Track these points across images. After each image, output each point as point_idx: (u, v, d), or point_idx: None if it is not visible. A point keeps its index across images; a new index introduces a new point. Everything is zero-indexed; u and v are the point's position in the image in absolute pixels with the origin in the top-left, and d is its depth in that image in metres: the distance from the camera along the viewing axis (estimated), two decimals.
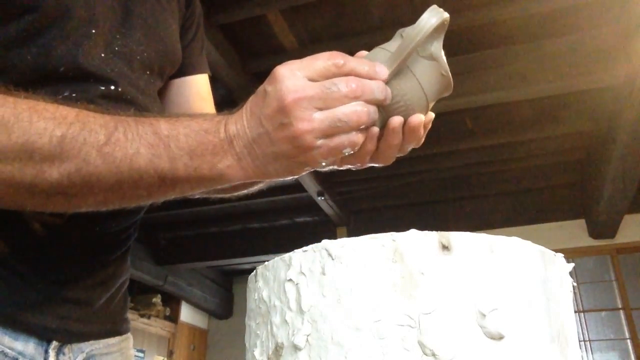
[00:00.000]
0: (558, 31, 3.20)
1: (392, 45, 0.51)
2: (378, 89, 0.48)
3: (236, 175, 0.51)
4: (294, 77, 0.47)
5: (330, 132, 0.47)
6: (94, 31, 0.63)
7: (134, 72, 0.68)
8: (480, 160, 4.74)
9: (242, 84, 3.30)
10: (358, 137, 0.49)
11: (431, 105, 0.52)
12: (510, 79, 3.32)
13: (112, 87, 0.64)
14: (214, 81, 0.91)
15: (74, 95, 0.60)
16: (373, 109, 0.49)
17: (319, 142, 0.47)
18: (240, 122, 0.50)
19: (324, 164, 0.50)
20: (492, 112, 3.98)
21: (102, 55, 0.64)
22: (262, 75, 2.44)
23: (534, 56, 3.28)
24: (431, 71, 0.50)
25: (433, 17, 0.48)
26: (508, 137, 4.29)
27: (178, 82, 0.82)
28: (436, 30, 0.48)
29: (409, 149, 0.55)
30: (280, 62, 0.49)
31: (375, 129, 0.51)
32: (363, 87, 0.48)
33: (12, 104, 0.47)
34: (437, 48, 0.50)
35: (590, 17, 3.08)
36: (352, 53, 0.52)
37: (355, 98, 0.47)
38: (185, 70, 0.82)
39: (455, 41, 3.28)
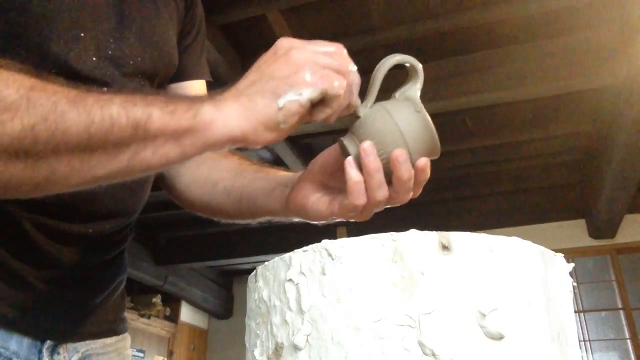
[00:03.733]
0: (558, 31, 3.20)
1: (389, 102, 0.55)
2: (355, 70, 0.52)
3: (215, 121, 0.47)
4: (289, 37, 0.51)
5: (322, 62, 0.49)
6: (82, 35, 0.63)
7: (126, 77, 0.68)
8: (480, 160, 4.74)
9: None
10: (344, 84, 0.50)
11: (413, 147, 0.53)
12: (510, 79, 3.32)
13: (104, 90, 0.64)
14: (213, 81, 0.90)
15: None
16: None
17: (311, 65, 0.48)
18: (230, 85, 0.51)
19: (309, 93, 0.48)
20: (492, 112, 3.98)
21: (94, 59, 0.64)
22: None
23: (534, 56, 3.28)
24: (406, 110, 0.53)
25: (397, 55, 0.54)
26: (508, 137, 4.29)
27: (174, 87, 0.82)
28: (412, 74, 0.55)
29: (403, 195, 0.55)
30: None
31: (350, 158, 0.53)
32: (345, 59, 0.51)
33: None
34: (413, 91, 0.55)
35: (590, 17, 3.08)
36: (352, 53, 0.53)
37: (339, 58, 0.51)
38: (181, 75, 0.81)
39: (456, 41, 3.28)
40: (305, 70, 0.48)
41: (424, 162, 0.53)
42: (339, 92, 0.49)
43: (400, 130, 0.52)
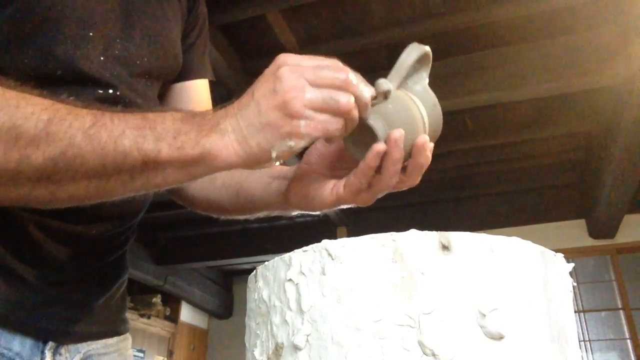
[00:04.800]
0: (558, 31, 3.20)
1: (413, 91, 0.56)
2: (366, 89, 0.50)
3: (220, 154, 0.49)
4: (291, 57, 0.50)
5: (320, 107, 0.48)
6: (91, 34, 0.63)
7: (132, 77, 0.68)
8: (480, 160, 4.74)
9: (242, 84, 3.30)
10: (341, 124, 0.50)
11: (428, 131, 0.55)
12: (510, 79, 3.32)
13: (110, 91, 0.64)
14: (213, 81, 0.91)
15: (71, 97, 0.60)
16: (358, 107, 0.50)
17: (308, 112, 0.48)
18: (230, 104, 0.51)
19: (303, 142, 0.49)
20: (492, 112, 3.98)
21: (101, 58, 0.64)
22: None
23: (534, 56, 3.28)
24: (425, 97, 0.56)
25: (417, 48, 0.55)
26: (508, 137, 4.29)
27: (177, 86, 0.82)
28: (421, 62, 0.56)
29: (411, 179, 0.56)
30: None
31: (382, 145, 0.52)
32: (352, 82, 0.49)
33: (1, 92, 0.47)
34: (426, 82, 0.57)
35: (590, 17, 3.08)
36: (352, 53, 0.53)
37: (345, 84, 0.49)
38: (184, 75, 0.81)
39: (456, 41, 3.28)
40: (301, 118, 0.48)
41: (427, 142, 0.54)
42: (335, 133, 0.50)
43: (424, 121, 0.55)
